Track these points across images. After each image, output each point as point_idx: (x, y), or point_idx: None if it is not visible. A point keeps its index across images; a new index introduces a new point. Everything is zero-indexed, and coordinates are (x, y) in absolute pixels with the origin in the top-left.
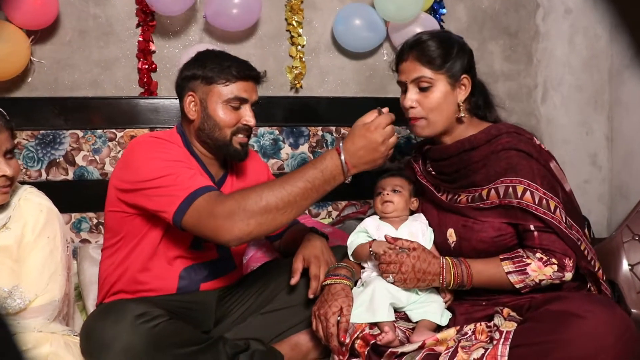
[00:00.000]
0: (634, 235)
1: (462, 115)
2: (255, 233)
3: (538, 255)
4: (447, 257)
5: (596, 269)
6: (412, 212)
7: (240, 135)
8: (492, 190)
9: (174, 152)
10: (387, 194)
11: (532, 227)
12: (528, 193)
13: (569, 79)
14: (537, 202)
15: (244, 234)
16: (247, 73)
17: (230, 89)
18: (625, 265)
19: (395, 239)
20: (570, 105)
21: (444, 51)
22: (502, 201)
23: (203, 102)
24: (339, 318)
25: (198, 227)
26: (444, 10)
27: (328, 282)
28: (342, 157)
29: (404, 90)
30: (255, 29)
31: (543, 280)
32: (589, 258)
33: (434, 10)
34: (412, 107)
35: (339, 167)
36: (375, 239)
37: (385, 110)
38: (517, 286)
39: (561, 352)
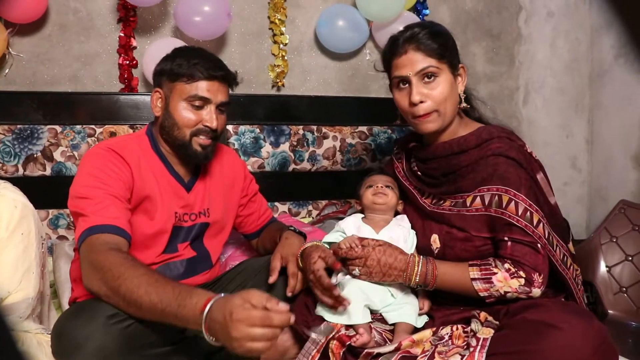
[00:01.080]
0: (612, 237)
1: (464, 105)
2: (105, 300)
3: (506, 266)
4: (415, 254)
5: (578, 288)
6: (397, 213)
7: (201, 137)
8: (478, 198)
9: (110, 171)
10: (381, 187)
11: (506, 238)
12: (513, 204)
13: (550, 81)
14: (520, 213)
15: (95, 293)
16: (212, 72)
17: (192, 87)
18: (602, 267)
19: (362, 239)
20: (551, 107)
21: (442, 41)
22: (488, 209)
23: (167, 99)
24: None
25: (81, 261)
26: (427, 11)
27: (299, 252)
28: (205, 311)
29: (404, 85)
30: (225, 37)
31: (509, 292)
32: (574, 276)
33: (416, 11)
34: (421, 102)
35: (197, 317)
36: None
37: (279, 307)
38: (482, 294)
39: None
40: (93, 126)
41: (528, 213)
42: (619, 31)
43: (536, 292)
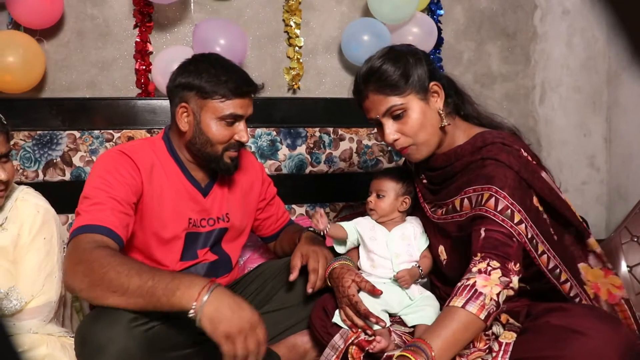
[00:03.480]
0: (633, 236)
1: (446, 123)
2: (84, 296)
3: (475, 269)
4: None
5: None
6: (411, 213)
7: (231, 150)
8: (465, 200)
9: (118, 174)
10: (371, 202)
11: (480, 229)
12: (492, 199)
13: (567, 80)
14: (499, 209)
15: (74, 291)
16: (245, 89)
17: (226, 106)
18: (624, 267)
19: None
20: (568, 106)
21: (401, 69)
22: (473, 210)
23: (196, 116)
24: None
25: (65, 258)
26: (442, 12)
27: (328, 271)
28: (212, 287)
29: (378, 124)
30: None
31: (499, 293)
32: (571, 294)
33: (431, 11)
34: (396, 140)
35: (194, 284)
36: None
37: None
38: (482, 316)
39: None
40: (111, 131)
41: (509, 211)
42: (626, 40)
43: (515, 280)
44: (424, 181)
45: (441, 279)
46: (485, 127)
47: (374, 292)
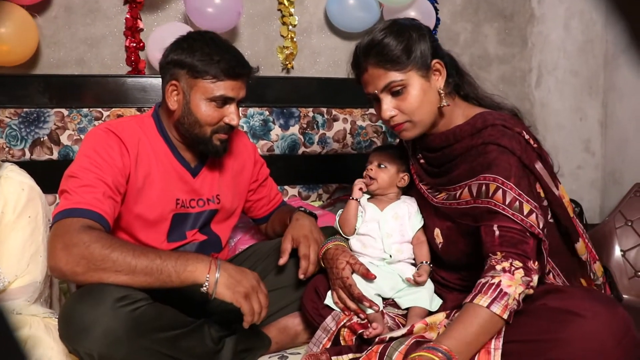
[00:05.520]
0: (627, 221)
1: (445, 104)
2: (80, 278)
3: (499, 267)
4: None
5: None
6: (405, 193)
7: (221, 133)
8: (466, 189)
9: (107, 155)
10: (372, 170)
11: (494, 225)
12: (500, 192)
13: (563, 63)
14: (508, 202)
15: (68, 272)
16: (238, 71)
17: (217, 87)
18: (617, 251)
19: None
20: (564, 90)
21: (404, 44)
22: (476, 201)
23: (186, 95)
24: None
25: (50, 239)
26: None
27: (322, 252)
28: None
29: (375, 99)
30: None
31: (521, 293)
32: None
33: None
34: (392, 116)
35: (204, 257)
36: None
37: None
38: (504, 316)
39: (558, 351)
40: (100, 109)
41: (517, 203)
42: (624, 23)
43: (535, 279)
44: (422, 161)
45: (436, 262)
46: (485, 107)
47: (368, 276)
